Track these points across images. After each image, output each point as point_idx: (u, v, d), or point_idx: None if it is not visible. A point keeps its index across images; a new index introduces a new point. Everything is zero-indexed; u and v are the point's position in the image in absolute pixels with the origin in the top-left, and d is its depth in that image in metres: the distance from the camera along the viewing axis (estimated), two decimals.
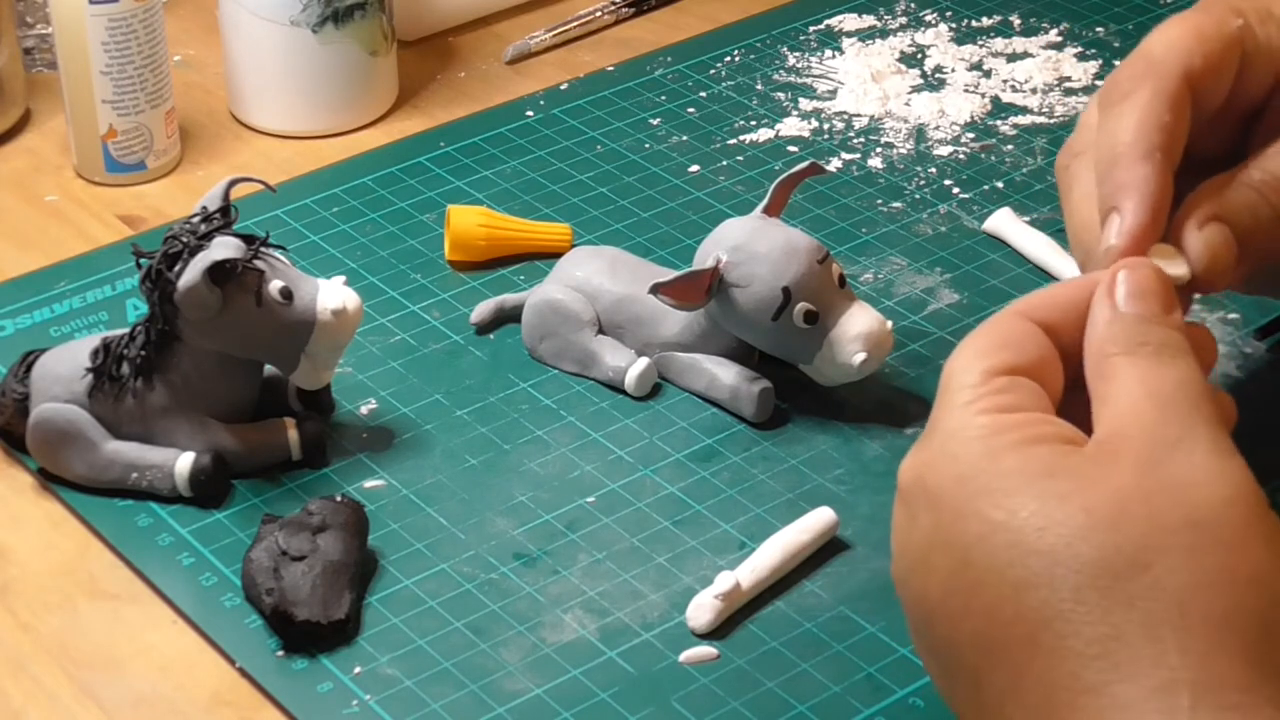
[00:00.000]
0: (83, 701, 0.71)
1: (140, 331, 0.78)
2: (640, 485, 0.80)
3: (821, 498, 0.78)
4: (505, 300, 0.88)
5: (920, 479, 0.56)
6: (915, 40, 1.10)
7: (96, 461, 0.78)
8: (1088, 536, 0.52)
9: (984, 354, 0.57)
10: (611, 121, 1.03)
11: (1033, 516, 0.53)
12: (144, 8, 0.96)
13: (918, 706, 0.70)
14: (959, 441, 0.55)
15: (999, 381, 0.56)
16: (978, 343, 0.58)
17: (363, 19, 1.01)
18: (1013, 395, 0.56)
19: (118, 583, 0.76)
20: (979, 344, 0.58)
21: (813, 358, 0.81)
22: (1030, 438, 0.55)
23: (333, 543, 0.73)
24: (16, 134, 1.04)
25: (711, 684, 0.71)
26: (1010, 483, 0.54)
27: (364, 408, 0.84)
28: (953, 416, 0.56)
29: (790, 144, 1.01)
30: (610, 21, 1.13)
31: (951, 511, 0.54)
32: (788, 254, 0.80)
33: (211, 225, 0.77)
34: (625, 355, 0.84)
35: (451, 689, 0.70)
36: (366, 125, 1.04)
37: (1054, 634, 0.52)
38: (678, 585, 0.75)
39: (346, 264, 0.92)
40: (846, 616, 0.73)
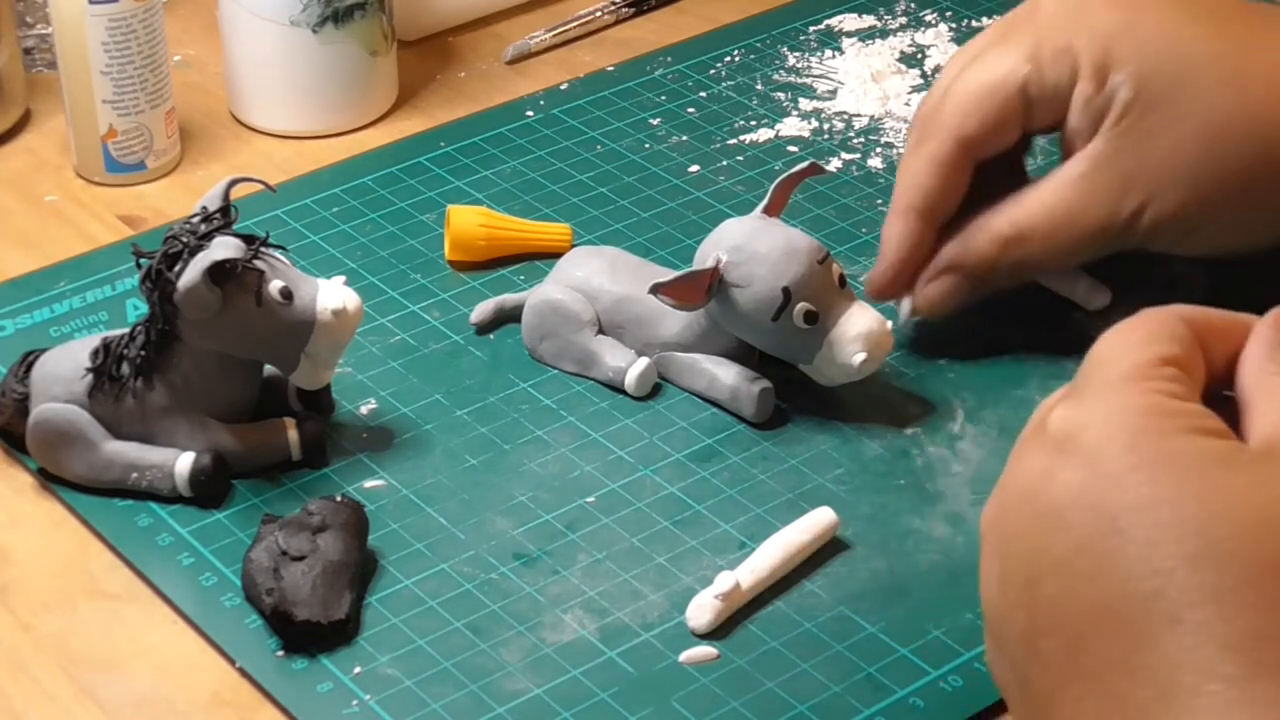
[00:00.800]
0: (83, 702, 0.71)
1: (140, 331, 0.78)
2: (640, 485, 0.80)
3: (821, 498, 0.78)
4: (505, 300, 0.88)
5: (1073, 436, 0.55)
6: (915, 40, 1.10)
7: (96, 461, 0.78)
8: (1255, 534, 0.52)
9: (1156, 340, 0.57)
10: (611, 121, 1.03)
11: (1203, 502, 0.53)
12: (144, 8, 0.96)
13: (918, 706, 0.70)
14: (1129, 414, 0.55)
15: (1170, 370, 0.56)
16: (1149, 327, 0.57)
17: (363, 19, 1.01)
18: (1181, 386, 0.56)
19: (118, 583, 0.76)
20: (1151, 329, 0.57)
21: (813, 358, 0.81)
22: (1201, 428, 0.55)
23: (333, 543, 0.73)
24: (16, 134, 1.04)
25: (711, 684, 0.71)
26: (1182, 464, 0.53)
27: (364, 408, 0.84)
28: (1123, 388, 0.55)
29: (790, 144, 1.01)
30: (610, 21, 1.13)
31: (1110, 477, 0.54)
32: (788, 254, 0.80)
33: (211, 225, 0.77)
34: (625, 355, 0.84)
35: (451, 689, 0.70)
36: (366, 125, 1.04)
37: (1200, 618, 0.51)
38: (678, 585, 0.75)
39: (346, 264, 0.92)
40: (846, 616, 0.73)
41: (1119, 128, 0.80)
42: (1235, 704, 0.50)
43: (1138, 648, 0.52)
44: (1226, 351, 0.58)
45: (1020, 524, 0.56)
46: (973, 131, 0.82)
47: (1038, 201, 0.82)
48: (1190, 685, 0.51)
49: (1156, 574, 0.52)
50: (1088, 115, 0.80)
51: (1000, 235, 0.82)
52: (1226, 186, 0.80)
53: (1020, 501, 0.56)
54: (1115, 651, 0.53)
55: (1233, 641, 0.51)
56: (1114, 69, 0.80)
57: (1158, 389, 0.55)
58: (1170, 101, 0.79)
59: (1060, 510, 0.54)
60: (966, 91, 0.82)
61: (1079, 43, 0.80)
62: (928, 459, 0.81)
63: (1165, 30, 0.80)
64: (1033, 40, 0.81)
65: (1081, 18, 0.81)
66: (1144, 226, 0.81)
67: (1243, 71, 0.79)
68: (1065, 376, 0.84)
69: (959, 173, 0.82)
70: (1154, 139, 0.80)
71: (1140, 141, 0.80)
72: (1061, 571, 0.54)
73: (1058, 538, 0.54)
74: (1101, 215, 0.81)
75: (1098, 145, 0.81)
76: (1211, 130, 0.79)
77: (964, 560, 0.76)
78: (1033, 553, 0.55)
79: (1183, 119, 0.79)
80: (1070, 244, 0.82)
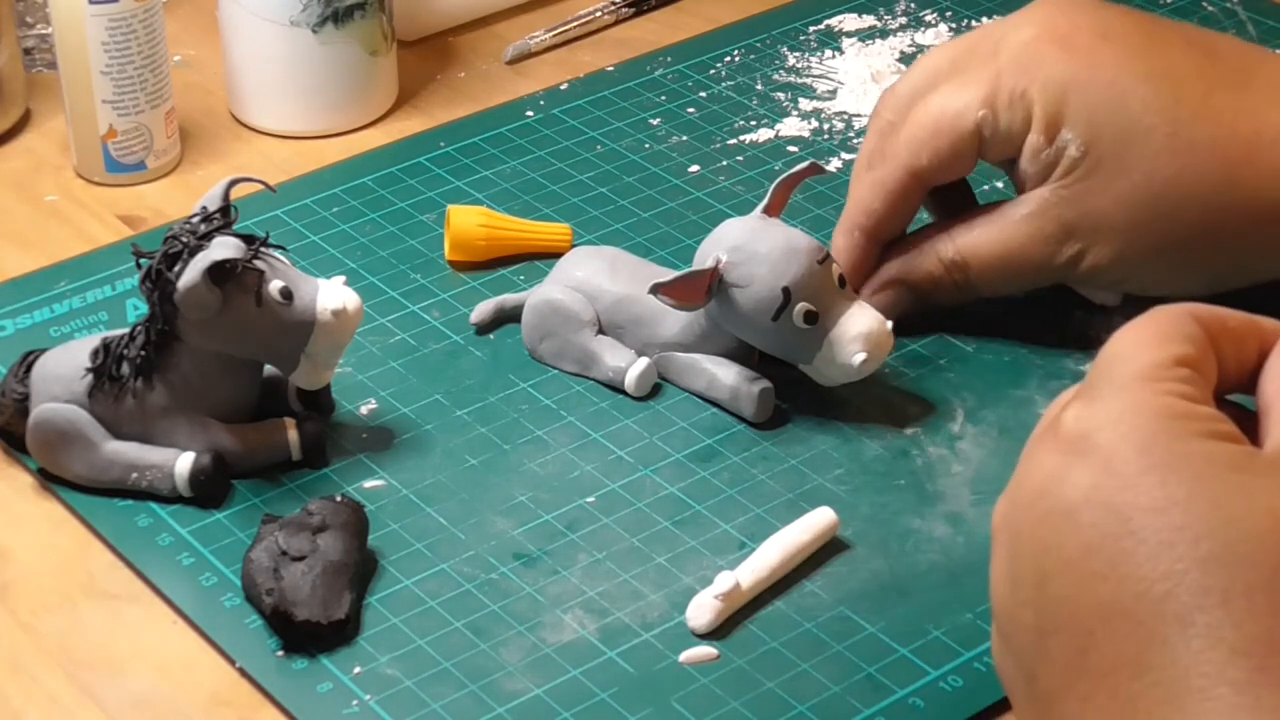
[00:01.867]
0: (82, 702, 0.71)
1: (140, 331, 0.78)
2: (640, 485, 0.80)
3: (821, 498, 0.78)
4: (505, 300, 0.88)
5: (1087, 436, 0.55)
6: (915, 40, 1.10)
7: (96, 461, 0.78)
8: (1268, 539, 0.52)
9: (1170, 340, 0.57)
10: (611, 121, 1.03)
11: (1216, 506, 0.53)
12: (144, 8, 0.96)
13: (918, 706, 0.70)
14: (1143, 415, 0.55)
15: (1183, 371, 0.56)
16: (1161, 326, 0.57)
17: (363, 19, 1.01)
18: (1194, 388, 0.56)
19: (118, 583, 0.76)
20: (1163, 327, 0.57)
21: (812, 358, 0.80)
22: (1215, 431, 0.55)
23: (333, 543, 0.73)
24: (16, 134, 1.04)
25: (711, 684, 0.71)
26: (1195, 467, 0.54)
27: (364, 408, 0.84)
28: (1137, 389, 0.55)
29: (790, 144, 1.01)
30: (610, 21, 1.13)
31: (1123, 478, 0.54)
32: (788, 254, 0.80)
33: (211, 225, 0.77)
34: (625, 355, 0.84)
35: (451, 689, 0.70)
36: (366, 125, 1.04)
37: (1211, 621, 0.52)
38: (678, 585, 0.75)
39: (346, 264, 0.92)
40: (846, 616, 0.73)
41: (1064, 181, 0.82)
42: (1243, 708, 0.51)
43: (1147, 649, 0.52)
44: (1239, 352, 0.58)
45: (1032, 522, 0.56)
46: (925, 164, 0.84)
47: (982, 232, 0.84)
48: (1199, 688, 0.51)
49: (1168, 576, 0.52)
50: (1037, 164, 0.83)
51: (945, 258, 0.85)
52: (1163, 244, 0.83)
53: (1032, 500, 0.56)
54: (1124, 652, 0.53)
55: (1243, 645, 0.51)
56: (1065, 124, 0.82)
57: (1171, 390, 0.55)
58: (1115, 161, 0.81)
59: (1073, 510, 0.55)
60: (922, 124, 0.84)
61: (1034, 91, 0.82)
62: (928, 459, 0.81)
63: (1117, 89, 0.82)
64: (991, 81, 0.83)
65: (1040, 66, 0.82)
66: (1081, 271, 0.84)
67: (1189, 137, 0.81)
68: (1065, 376, 0.85)
69: (907, 200, 0.86)
70: (1096, 195, 0.82)
71: (1083, 196, 0.82)
72: (1072, 570, 0.54)
73: (1069, 537, 0.54)
74: (1040, 256, 0.84)
75: (1043, 192, 0.83)
76: (1152, 193, 0.82)
77: (964, 560, 0.76)
78: (1044, 551, 0.55)
79: (1125, 178, 0.82)
80: (1010, 276, 0.85)
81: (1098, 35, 0.83)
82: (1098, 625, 0.53)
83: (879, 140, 0.86)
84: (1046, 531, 0.55)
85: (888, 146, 0.85)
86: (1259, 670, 0.51)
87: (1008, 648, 0.57)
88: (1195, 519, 0.53)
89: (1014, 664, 0.57)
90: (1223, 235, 0.82)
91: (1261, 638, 0.51)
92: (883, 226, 0.86)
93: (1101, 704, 0.53)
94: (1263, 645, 0.51)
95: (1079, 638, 0.54)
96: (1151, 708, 0.52)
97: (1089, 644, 0.53)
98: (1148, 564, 0.53)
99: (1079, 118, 0.81)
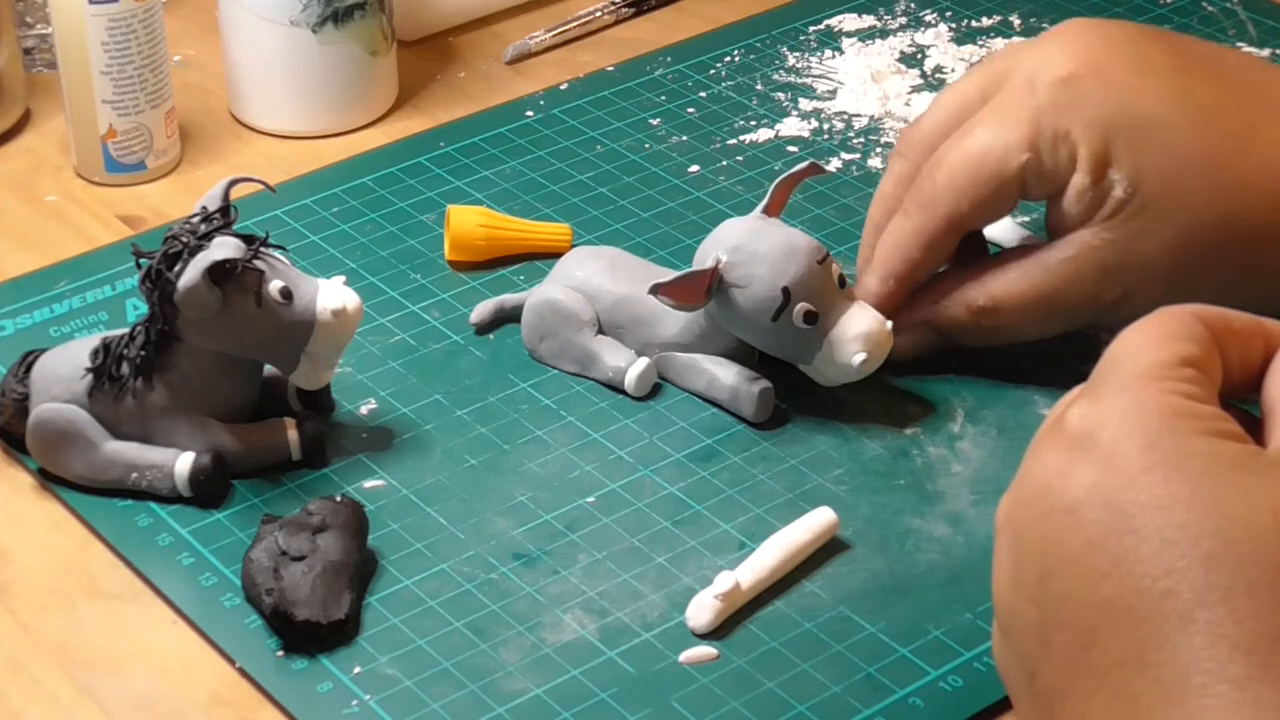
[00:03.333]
0: (82, 702, 0.71)
1: (140, 331, 0.78)
2: (640, 485, 0.80)
3: (821, 498, 0.78)
4: (505, 301, 0.88)
5: (1091, 434, 0.55)
6: (915, 40, 1.10)
7: (96, 461, 0.78)
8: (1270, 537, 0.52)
9: (1174, 339, 0.57)
10: (611, 121, 1.03)
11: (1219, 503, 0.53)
12: (144, 8, 0.96)
13: (918, 706, 0.70)
14: (1147, 414, 0.55)
15: (1188, 371, 0.56)
16: (1167, 326, 0.57)
17: (363, 19, 1.01)
18: (1199, 388, 0.56)
19: (118, 583, 0.76)
20: (1169, 328, 0.57)
21: (812, 358, 0.80)
22: (1218, 430, 0.55)
23: (333, 543, 0.73)
24: (16, 134, 1.04)
25: (711, 684, 0.71)
26: (1198, 465, 0.54)
27: (364, 408, 0.84)
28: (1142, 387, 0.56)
29: (790, 144, 1.01)
30: (610, 21, 1.13)
31: (1125, 475, 0.54)
32: (787, 254, 0.80)
33: (211, 225, 0.77)
34: (625, 355, 0.84)
35: (451, 689, 0.70)
36: (366, 125, 1.04)
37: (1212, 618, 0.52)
38: (678, 585, 0.75)
39: (346, 264, 0.92)
40: (846, 616, 0.73)
41: (1108, 224, 0.80)
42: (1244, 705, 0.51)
43: (1149, 646, 0.52)
44: (1243, 353, 0.58)
45: (1035, 519, 0.56)
46: (967, 211, 0.82)
47: (1017, 278, 0.83)
48: (1200, 685, 0.51)
49: (1170, 573, 0.53)
50: (1081, 204, 0.81)
51: (975, 305, 0.83)
52: (1207, 286, 0.79)
53: (1036, 496, 0.56)
54: (1126, 649, 0.53)
55: (1244, 643, 0.51)
56: (1112, 165, 0.80)
57: (1176, 389, 0.55)
58: (1162, 202, 0.80)
59: (1076, 507, 0.55)
60: (962, 169, 0.81)
61: (1077, 132, 0.80)
62: (928, 459, 0.81)
63: (1163, 128, 0.80)
64: (1032, 122, 0.80)
65: (1082, 105, 0.80)
66: (1122, 314, 0.80)
67: (1234, 174, 0.80)
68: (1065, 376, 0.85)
69: (948, 247, 0.83)
70: (1142, 238, 0.80)
71: (1128, 239, 0.80)
72: (1075, 567, 0.54)
73: (1072, 533, 0.55)
74: (1079, 300, 0.82)
75: (1085, 235, 0.81)
76: (1199, 235, 0.80)
77: (964, 560, 0.76)
78: (1047, 548, 0.55)
79: (1171, 220, 0.80)
80: (1044, 321, 0.83)
81: (1134, 69, 0.81)
82: (1100, 622, 0.53)
83: (902, 184, 0.84)
84: (1050, 528, 0.55)
85: (923, 192, 0.82)
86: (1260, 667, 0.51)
87: (1009, 645, 0.57)
88: (1198, 517, 0.53)
89: (1016, 661, 0.57)
90: (1268, 271, 0.80)
91: (1263, 635, 0.51)
92: (919, 273, 0.84)
93: (1103, 701, 0.53)
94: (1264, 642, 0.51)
95: (1081, 635, 0.54)
96: (1153, 704, 0.52)
97: (1091, 641, 0.54)
98: (1150, 561, 0.53)
99: (1125, 158, 0.79)
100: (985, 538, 0.76)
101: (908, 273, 0.83)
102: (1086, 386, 0.57)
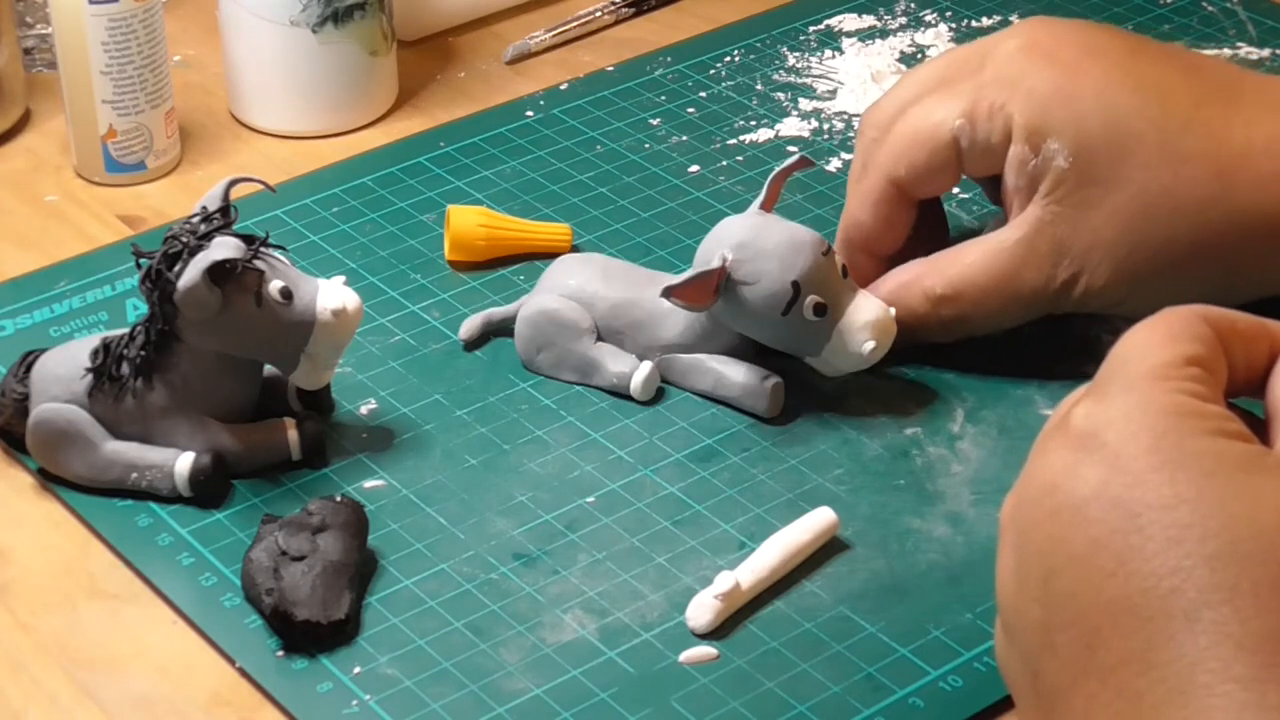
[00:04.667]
0: (82, 701, 0.71)
1: (140, 331, 0.78)
2: (640, 485, 0.80)
3: (821, 498, 0.78)
4: (492, 315, 0.87)
5: (1097, 433, 0.55)
6: (915, 40, 1.10)
7: (96, 461, 0.78)
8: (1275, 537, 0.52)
9: (1179, 339, 0.57)
10: (611, 121, 1.03)
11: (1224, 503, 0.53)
12: (144, 8, 0.96)
13: (918, 706, 0.70)
14: (1152, 414, 0.55)
15: (1194, 370, 0.56)
16: (1172, 326, 0.58)
17: (363, 19, 1.01)
18: (1205, 387, 0.56)
19: (118, 583, 0.76)
20: (1174, 327, 0.57)
21: (821, 349, 0.80)
22: (1224, 430, 0.55)
23: (333, 543, 0.73)
24: (16, 134, 1.04)
25: (711, 684, 0.71)
26: (1204, 465, 0.54)
27: (364, 408, 0.84)
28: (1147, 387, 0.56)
29: (790, 144, 1.01)
30: (610, 21, 1.13)
31: (1132, 474, 0.54)
32: (794, 248, 0.80)
33: (211, 225, 0.77)
34: (628, 361, 0.84)
35: (451, 689, 0.70)
36: (366, 125, 1.04)
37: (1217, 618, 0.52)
38: (678, 585, 0.75)
39: (346, 264, 0.92)
40: (846, 616, 0.73)
41: (1054, 196, 0.81)
42: (1249, 705, 0.51)
43: (1154, 645, 0.52)
44: (1247, 354, 0.58)
45: (1040, 518, 0.56)
46: (904, 174, 0.84)
47: (972, 264, 0.83)
48: (1205, 684, 0.51)
49: (1175, 573, 0.53)
50: (1024, 176, 0.82)
51: (933, 294, 0.83)
52: (1158, 261, 0.81)
53: (1041, 495, 0.56)
54: (1131, 648, 0.53)
55: (1249, 642, 0.51)
56: (1050, 135, 0.81)
57: (1181, 389, 0.56)
58: (1106, 174, 0.80)
59: (1081, 506, 0.55)
60: (902, 135, 0.84)
61: (1015, 104, 0.81)
62: (928, 459, 0.81)
63: (1105, 100, 0.81)
64: (972, 94, 0.82)
65: (1023, 78, 0.82)
66: (1076, 294, 0.82)
67: (1180, 148, 0.80)
68: (1065, 376, 0.85)
69: (895, 210, 0.85)
70: (1088, 211, 0.81)
71: (1075, 212, 0.81)
72: (1080, 566, 0.54)
73: (1078, 532, 0.55)
74: (1035, 283, 0.82)
75: (1033, 212, 0.82)
76: (1146, 205, 0.80)
77: (964, 560, 0.76)
78: (1052, 547, 0.55)
79: (1118, 192, 0.80)
80: (1002, 307, 0.83)
81: (1082, 50, 0.82)
82: (1105, 621, 0.53)
83: (865, 152, 0.85)
84: (1055, 527, 0.55)
85: (869, 157, 0.85)
86: (1265, 667, 0.51)
87: (1013, 644, 0.57)
88: (1203, 516, 0.53)
89: (1019, 660, 0.57)
90: (1218, 249, 0.81)
91: (1268, 634, 0.51)
92: (873, 240, 0.85)
93: (1108, 700, 0.53)
94: (1269, 642, 0.51)
95: (1086, 634, 0.54)
96: (1158, 704, 0.52)
97: (1096, 640, 0.54)
98: (1155, 560, 0.53)
99: (1066, 127, 0.80)
100: (985, 538, 0.76)
101: (859, 238, 0.85)
102: (1091, 386, 0.57)
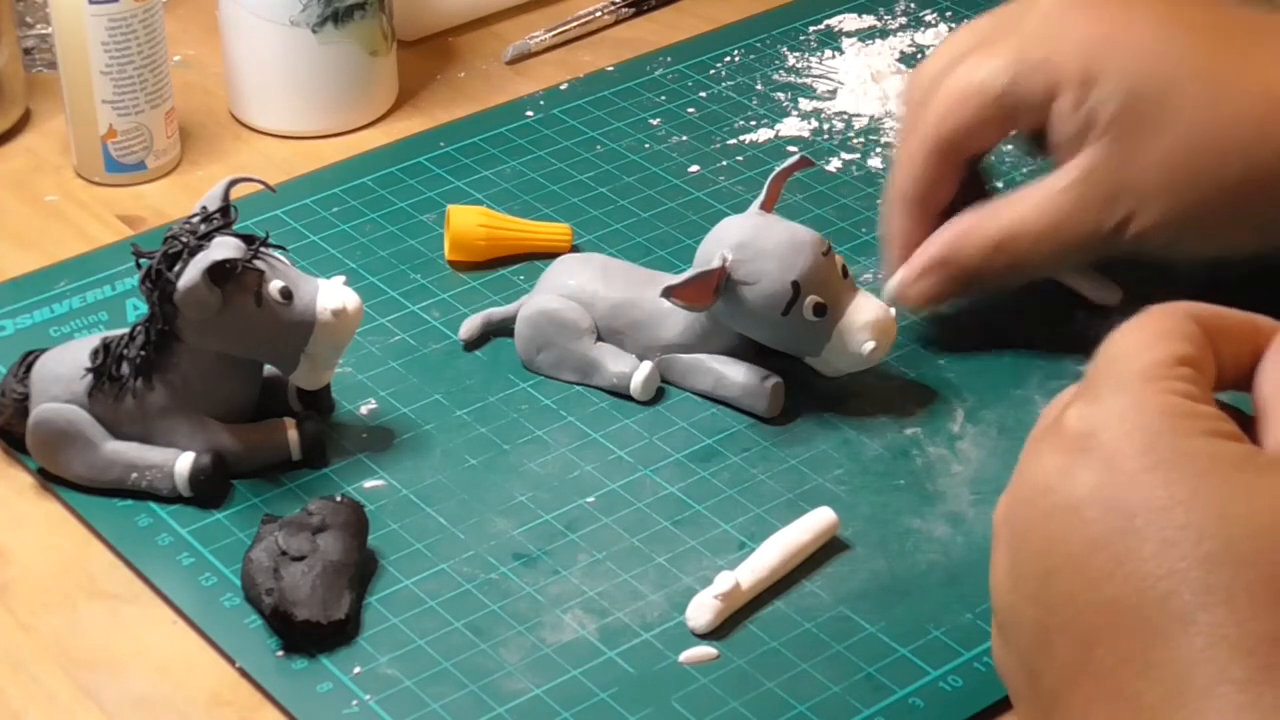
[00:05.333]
0: (82, 701, 0.71)
1: (140, 331, 0.78)
2: (640, 485, 0.80)
3: (821, 498, 0.78)
4: (492, 315, 0.87)
5: (1091, 434, 0.55)
6: (915, 40, 1.10)
7: (96, 461, 0.78)
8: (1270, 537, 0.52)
9: (1170, 339, 0.57)
10: (611, 121, 1.03)
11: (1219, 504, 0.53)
12: (144, 8, 0.96)
13: (918, 706, 0.70)
14: (1146, 415, 0.55)
15: (1185, 370, 0.56)
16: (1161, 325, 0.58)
17: (363, 19, 1.01)
18: (1196, 387, 0.56)
19: (117, 583, 0.76)
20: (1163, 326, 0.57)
21: (821, 349, 0.80)
22: (1217, 430, 0.55)
23: (333, 543, 0.73)
24: (16, 134, 1.04)
25: (711, 684, 0.71)
26: (1199, 465, 0.54)
27: (364, 408, 0.84)
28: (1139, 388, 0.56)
29: (790, 144, 1.01)
30: (610, 21, 1.13)
31: (1126, 475, 0.54)
32: (794, 248, 0.80)
33: (211, 225, 0.77)
34: (628, 361, 0.84)
35: (451, 689, 0.70)
36: (366, 125, 1.04)
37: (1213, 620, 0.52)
38: (678, 585, 0.75)
39: (346, 264, 0.92)
40: (846, 616, 0.73)
41: (1104, 140, 0.81)
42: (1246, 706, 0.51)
43: (1150, 647, 0.52)
44: (1235, 352, 0.58)
45: (1035, 519, 0.56)
46: (950, 132, 0.84)
47: (1027, 208, 0.83)
48: (1201, 687, 0.51)
49: (1171, 574, 0.53)
50: (1073, 125, 0.82)
51: (989, 239, 0.84)
52: (1210, 200, 0.81)
53: (1035, 497, 0.56)
54: (1128, 650, 0.53)
55: (1245, 644, 0.51)
56: (1098, 82, 0.81)
57: (1173, 389, 0.56)
58: (1155, 116, 0.80)
59: (1077, 507, 0.55)
60: (948, 93, 0.84)
61: (1059, 56, 0.81)
62: (928, 459, 0.81)
63: (1150, 43, 0.81)
64: (1015, 50, 0.83)
65: (1065, 30, 0.82)
66: (1129, 236, 0.82)
67: (1228, 87, 0.80)
68: (1065, 376, 0.85)
69: (945, 166, 0.85)
70: (1139, 152, 0.81)
71: (1126, 154, 0.81)
72: (1076, 568, 0.54)
73: (1074, 534, 0.55)
74: (1089, 224, 0.82)
75: (1085, 157, 0.82)
76: (1195, 145, 0.80)
77: (964, 560, 0.76)
78: (1049, 547, 0.55)
79: (1167, 133, 0.80)
80: (1057, 250, 0.84)
81: (1124, 4, 0.82)
82: (1102, 623, 0.53)
83: (912, 111, 0.86)
84: (1051, 528, 0.55)
85: (917, 119, 0.85)
86: (1261, 668, 0.51)
87: (1009, 645, 0.57)
88: (1198, 517, 0.53)
89: (1015, 662, 0.57)
90: (1267, 190, 0.80)
91: (1264, 636, 0.51)
92: (927, 196, 0.85)
93: (1105, 702, 0.53)
94: (1265, 643, 0.51)
95: (1083, 635, 0.54)
96: (1154, 705, 0.52)
97: (1093, 641, 0.54)
98: (1151, 562, 0.53)
99: (1112, 73, 0.80)
100: (985, 538, 0.76)
101: (915, 193, 0.85)
102: (1082, 387, 0.57)
